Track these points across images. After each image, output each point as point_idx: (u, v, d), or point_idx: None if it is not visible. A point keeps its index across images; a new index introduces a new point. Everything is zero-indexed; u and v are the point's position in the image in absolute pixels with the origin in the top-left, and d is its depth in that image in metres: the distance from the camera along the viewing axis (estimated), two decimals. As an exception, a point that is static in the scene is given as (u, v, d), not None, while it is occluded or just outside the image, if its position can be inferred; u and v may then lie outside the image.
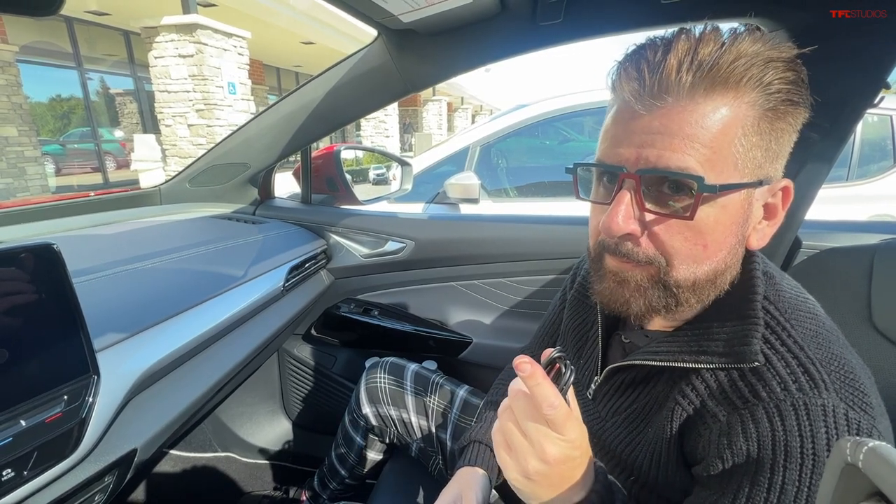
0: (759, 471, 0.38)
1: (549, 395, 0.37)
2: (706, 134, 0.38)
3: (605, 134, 0.45)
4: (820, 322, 0.44)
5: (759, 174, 0.41)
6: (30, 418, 0.47)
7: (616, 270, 0.45)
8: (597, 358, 0.58)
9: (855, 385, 0.39)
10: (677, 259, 0.42)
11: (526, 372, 0.37)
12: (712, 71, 0.38)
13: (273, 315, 0.97)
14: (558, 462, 0.38)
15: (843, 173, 2.21)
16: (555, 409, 0.37)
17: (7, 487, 0.45)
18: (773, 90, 0.39)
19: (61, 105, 8.42)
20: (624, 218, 0.41)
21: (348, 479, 1.02)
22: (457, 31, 0.79)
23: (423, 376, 0.93)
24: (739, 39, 0.38)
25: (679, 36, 0.39)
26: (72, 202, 1.06)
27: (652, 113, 0.40)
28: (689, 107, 0.38)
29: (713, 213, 0.40)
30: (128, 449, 0.58)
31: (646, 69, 0.40)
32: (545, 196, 2.41)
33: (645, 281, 0.44)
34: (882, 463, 0.22)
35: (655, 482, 0.48)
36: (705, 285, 0.43)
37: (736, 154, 0.39)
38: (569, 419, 0.38)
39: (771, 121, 0.40)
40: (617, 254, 0.44)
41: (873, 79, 0.70)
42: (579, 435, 0.39)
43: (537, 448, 0.38)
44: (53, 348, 0.50)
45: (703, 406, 0.43)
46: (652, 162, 0.40)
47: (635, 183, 0.41)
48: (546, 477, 0.39)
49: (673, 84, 0.38)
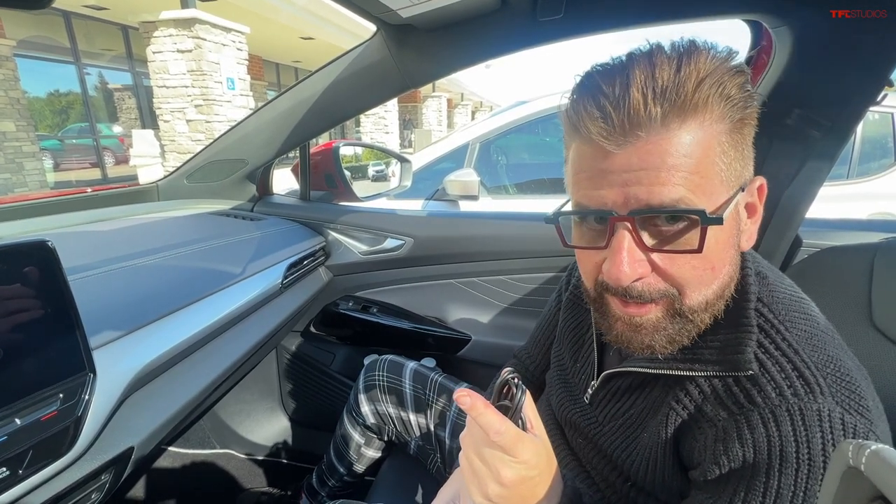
0: (755, 476, 0.38)
1: (493, 423, 0.37)
2: (689, 161, 0.38)
3: (576, 176, 0.43)
4: (815, 323, 0.44)
5: (739, 182, 0.41)
6: (25, 417, 0.47)
7: (626, 317, 0.44)
8: (593, 363, 0.58)
9: (851, 388, 0.39)
10: (689, 287, 0.41)
11: (466, 405, 0.38)
12: (680, 99, 0.37)
13: (271, 312, 0.96)
14: (515, 484, 0.39)
15: (844, 171, 2.21)
16: (501, 434, 0.37)
17: (2, 486, 0.45)
18: (735, 100, 0.39)
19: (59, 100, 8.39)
20: (630, 264, 0.40)
21: (346, 477, 1.01)
22: (456, 26, 0.79)
23: (421, 374, 0.93)
24: (694, 56, 0.38)
25: (632, 63, 0.38)
26: (68, 198, 1.05)
27: (626, 150, 0.38)
28: (666, 137, 0.37)
29: (714, 234, 0.39)
30: (125, 447, 0.58)
31: (608, 105, 0.38)
32: (544, 193, 2.41)
33: (662, 318, 0.42)
34: (885, 466, 0.21)
35: (652, 486, 0.48)
36: (716, 302, 0.43)
37: (720, 171, 0.39)
38: (519, 441, 0.38)
39: (739, 129, 0.40)
40: (627, 297, 0.42)
41: (876, 76, 0.70)
42: (534, 455, 0.39)
43: (493, 472, 0.39)
44: (48, 346, 0.49)
45: (698, 411, 0.43)
46: (643, 200, 0.38)
47: (630, 224, 0.40)
48: (507, 499, 0.40)
49: (643, 118, 0.37)
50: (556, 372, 0.66)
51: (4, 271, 0.46)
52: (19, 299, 0.47)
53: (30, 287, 0.48)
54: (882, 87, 0.72)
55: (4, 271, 0.46)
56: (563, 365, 0.64)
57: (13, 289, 0.46)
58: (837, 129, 0.76)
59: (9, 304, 0.46)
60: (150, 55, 6.04)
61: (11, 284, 0.46)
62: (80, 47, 7.50)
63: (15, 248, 0.47)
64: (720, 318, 0.44)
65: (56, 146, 8.37)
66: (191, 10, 5.79)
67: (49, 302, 0.49)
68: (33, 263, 0.48)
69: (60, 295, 0.50)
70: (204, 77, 5.92)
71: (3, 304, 0.45)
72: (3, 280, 0.45)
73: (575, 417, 0.58)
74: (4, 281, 0.45)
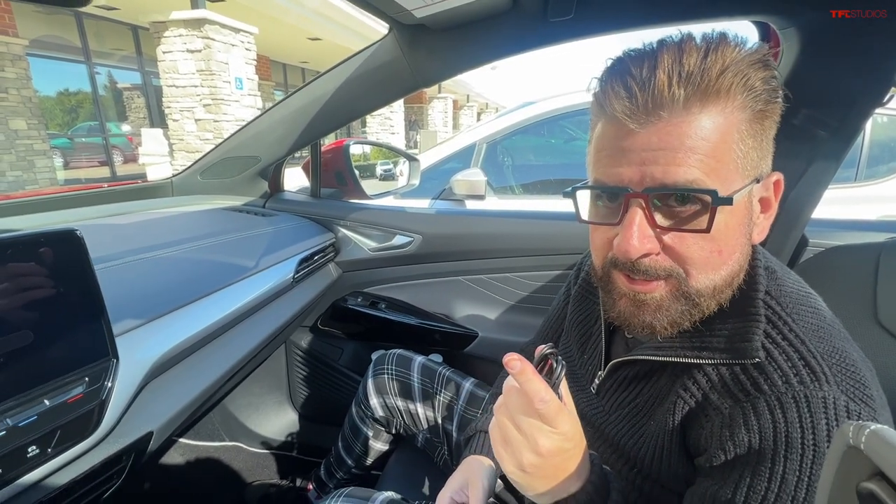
0: (761, 461, 0.39)
1: (539, 390, 0.38)
2: (706, 144, 0.39)
3: (598, 153, 0.45)
4: (821, 316, 0.45)
5: (755, 173, 0.42)
6: (53, 398, 0.49)
7: (631, 293, 0.45)
8: (600, 353, 0.59)
9: (856, 377, 0.40)
10: (695, 268, 0.42)
11: (516, 369, 0.38)
12: (703, 83, 0.38)
13: (283, 306, 0.98)
14: (552, 454, 0.39)
15: (852, 174, 2.20)
16: (546, 403, 0.38)
17: (32, 464, 0.47)
18: (758, 91, 0.40)
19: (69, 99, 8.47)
20: (639, 238, 0.41)
21: (354, 469, 1.03)
22: (468, 26, 0.80)
23: (429, 369, 0.94)
24: (721, 46, 0.39)
25: (662, 48, 0.40)
26: (85, 193, 1.08)
27: (647, 129, 0.40)
28: (686, 120, 0.39)
29: (724, 218, 0.41)
30: (144, 431, 0.60)
31: (634, 85, 0.40)
32: (550, 194, 2.42)
33: (666, 297, 0.43)
34: (884, 444, 0.23)
35: (659, 473, 0.49)
36: (724, 289, 0.44)
37: (736, 158, 0.40)
38: (560, 412, 0.39)
39: (760, 120, 0.41)
40: (634, 272, 0.43)
41: (882, 77, 0.71)
42: (572, 427, 0.40)
43: (531, 441, 0.39)
44: (75, 331, 0.51)
45: (705, 399, 0.44)
46: (658, 179, 0.40)
47: (643, 201, 0.41)
48: (541, 469, 0.40)
49: (667, 99, 0.39)
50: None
51: (36, 258, 0.48)
52: (50, 286, 0.49)
53: (59, 274, 0.49)
54: (888, 88, 0.73)
55: (36, 258, 0.48)
56: (570, 357, 0.66)
57: (44, 275, 0.48)
58: (844, 130, 0.77)
59: (40, 290, 0.48)
60: (160, 55, 6.10)
61: (42, 271, 0.48)
62: (90, 47, 7.59)
63: (45, 236, 0.49)
64: (727, 307, 0.45)
65: (66, 145, 8.46)
66: (201, 11, 5.85)
67: (77, 289, 0.51)
68: (63, 251, 0.50)
69: (88, 282, 0.52)
70: (213, 77, 5.97)
71: (35, 289, 0.47)
72: (35, 267, 0.47)
73: (582, 407, 0.59)
74: (35, 268, 0.47)
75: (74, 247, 0.51)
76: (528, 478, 0.41)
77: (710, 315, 0.46)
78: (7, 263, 0.45)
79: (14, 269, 0.46)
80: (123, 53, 8.41)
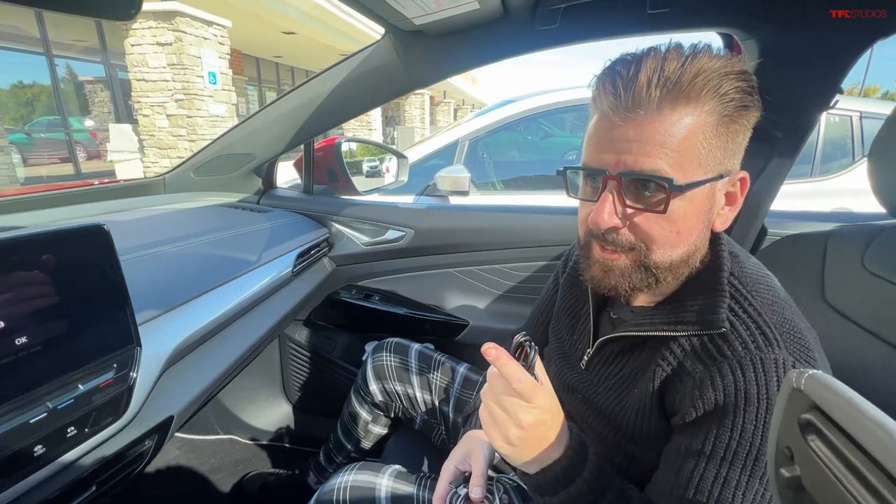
0: (725, 415, 0.46)
1: (515, 372, 0.44)
2: (673, 140, 0.46)
3: (588, 140, 0.52)
4: (775, 293, 0.53)
5: (719, 169, 0.49)
6: (86, 383, 0.52)
7: (602, 260, 0.52)
8: (588, 333, 0.65)
9: (802, 343, 0.48)
10: (655, 244, 0.50)
11: (492, 356, 0.45)
12: (676, 86, 0.44)
13: (282, 299, 1.02)
14: (532, 426, 0.46)
15: (808, 170, 2.37)
16: (521, 382, 0.44)
17: (72, 443, 0.50)
18: (728, 99, 0.46)
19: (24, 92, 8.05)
20: (609, 214, 0.49)
21: (354, 454, 1.08)
22: (462, 32, 0.86)
23: (426, 355, 1.00)
24: (699, 56, 0.45)
25: (648, 54, 0.47)
26: (77, 191, 1.08)
27: (627, 123, 0.47)
28: (658, 118, 0.45)
29: (683, 204, 0.48)
30: (166, 415, 0.63)
31: (620, 85, 0.46)
32: (529, 189, 2.50)
33: (628, 266, 0.51)
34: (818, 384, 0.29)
35: (641, 435, 0.56)
36: (680, 265, 0.51)
37: (699, 155, 0.47)
38: (536, 389, 0.45)
39: (727, 124, 0.47)
40: (604, 242, 0.51)
41: (828, 84, 0.80)
42: (548, 402, 0.47)
43: (514, 417, 0.46)
44: (104, 320, 0.54)
45: (679, 366, 0.51)
46: (629, 166, 0.47)
47: (617, 184, 0.48)
48: (525, 441, 0.47)
49: (644, 99, 0.45)
50: (555, 345, 0.74)
51: (67, 252, 0.50)
52: (80, 277, 0.52)
53: (89, 266, 0.52)
54: (834, 94, 0.82)
55: (67, 252, 0.50)
56: (560, 339, 0.72)
57: (75, 267, 0.51)
58: (797, 131, 0.87)
59: (73, 281, 0.51)
60: (129, 48, 5.89)
61: (74, 263, 0.51)
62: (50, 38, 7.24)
63: (75, 231, 0.52)
64: (697, 286, 0.53)
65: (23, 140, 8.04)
66: (171, 3, 5.67)
67: (105, 280, 0.54)
68: (92, 245, 0.53)
69: (114, 274, 0.55)
70: (185, 71, 5.81)
71: (68, 281, 0.50)
72: (66, 260, 0.50)
73: (573, 382, 0.66)
74: (67, 261, 0.50)
75: (102, 240, 0.54)
76: (515, 450, 0.48)
77: (682, 294, 0.54)
78: (43, 257, 0.48)
79: (49, 262, 0.49)
80: (86, 45, 8.05)
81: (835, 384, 0.28)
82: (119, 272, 0.55)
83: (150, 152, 6.22)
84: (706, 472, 0.47)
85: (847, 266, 0.72)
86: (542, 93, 2.46)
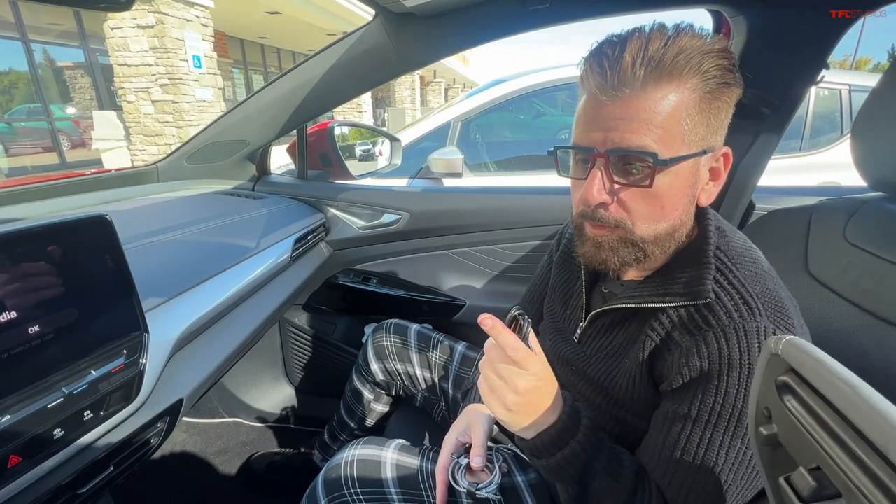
0: (709, 380, 0.49)
1: (510, 340, 0.47)
2: (658, 117, 0.47)
3: (577, 120, 0.53)
4: (759, 265, 0.55)
5: (702, 145, 0.50)
6: (98, 368, 0.54)
7: (593, 236, 0.55)
8: (581, 307, 0.68)
9: (782, 312, 0.50)
10: (640, 220, 0.52)
11: (488, 325, 0.47)
12: (659, 65, 0.46)
13: (281, 284, 1.03)
14: (528, 392, 0.48)
15: (797, 144, 2.39)
16: (516, 350, 0.47)
17: (88, 426, 0.52)
18: (710, 76, 0.47)
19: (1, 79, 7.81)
20: (598, 190, 0.51)
21: (357, 431, 1.11)
22: (453, 13, 0.85)
23: (424, 335, 1.02)
24: (681, 35, 0.47)
25: (633, 35, 0.48)
26: (69, 181, 1.08)
27: (614, 102, 0.48)
28: (643, 96, 0.47)
29: (668, 180, 0.50)
30: (175, 398, 0.66)
31: (606, 66, 0.48)
32: (522, 170, 2.50)
33: (617, 242, 0.53)
34: (795, 349, 0.32)
35: (631, 403, 0.59)
36: (665, 239, 0.54)
37: (683, 131, 0.48)
38: (529, 357, 0.47)
39: (709, 101, 0.49)
40: (593, 219, 0.53)
41: (815, 60, 0.81)
42: (542, 369, 0.49)
43: (510, 384, 0.48)
44: (112, 308, 0.56)
45: (668, 336, 0.54)
46: (616, 143, 0.49)
47: (605, 161, 0.50)
48: (522, 406, 0.49)
49: (629, 78, 0.47)
50: (549, 321, 0.76)
51: (72, 243, 0.52)
52: (87, 266, 0.53)
53: (95, 255, 0.54)
54: (820, 70, 0.84)
55: (72, 243, 0.52)
56: (554, 314, 0.75)
57: (82, 257, 0.52)
58: (784, 107, 0.88)
59: (80, 270, 0.52)
60: (108, 31, 5.71)
61: (81, 253, 0.52)
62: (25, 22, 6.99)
63: (79, 222, 0.53)
64: (684, 259, 0.55)
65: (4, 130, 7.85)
66: (150, -17, 5.48)
67: (110, 268, 0.55)
68: (96, 234, 0.54)
69: (119, 262, 0.56)
70: (168, 55, 5.65)
71: (75, 270, 0.52)
72: (72, 250, 0.51)
73: (567, 355, 0.69)
74: (73, 251, 0.51)
75: (105, 230, 0.55)
76: (513, 415, 0.50)
77: (670, 267, 0.56)
78: (49, 248, 0.49)
79: (56, 252, 0.50)
80: (62, 28, 7.78)
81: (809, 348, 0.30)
82: (124, 261, 0.57)
83: (137, 139, 6.10)
84: (692, 435, 0.50)
85: (829, 238, 0.75)
86: (534, 72, 2.43)
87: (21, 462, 0.45)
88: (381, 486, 0.69)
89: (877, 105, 0.70)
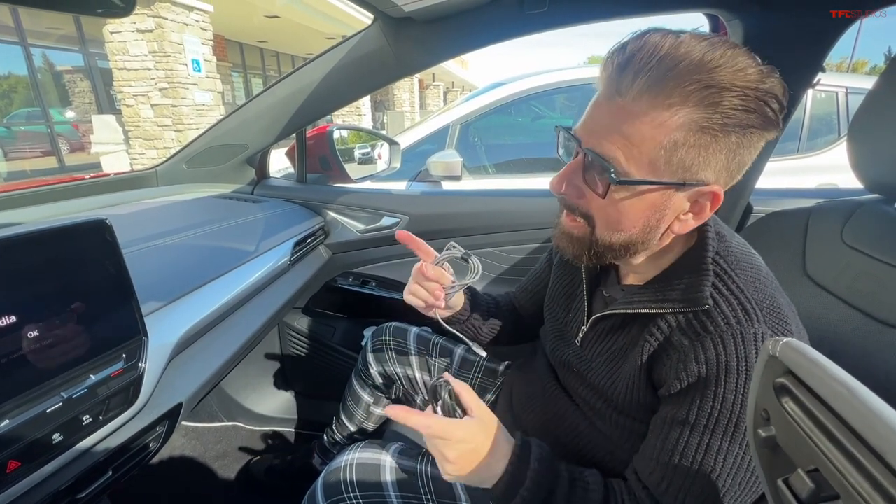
0: (707, 386, 0.49)
1: (419, 423, 0.51)
2: (637, 135, 0.46)
3: (586, 111, 0.54)
4: (758, 270, 0.55)
5: (684, 177, 0.47)
6: (97, 373, 0.54)
7: (562, 224, 0.57)
8: (583, 311, 0.68)
9: (780, 317, 0.50)
10: (598, 224, 0.53)
11: (392, 415, 0.52)
12: (658, 86, 0.44)
13: (281, 287, 1.03)
14: (459, 458, 0.52)
15: (795, 146, 2.40)
16: (429, 428, 0.50)
17: (87, 430, 0.52)
18: (719, 113, 0.44)
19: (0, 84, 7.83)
20: (558, 179, 0.54)
21: (356, 435, 1.11)
22: (451, 18, 0.86)
23: (424, 338, 1.02)
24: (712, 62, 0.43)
25: (646, 45, 0.45)
26: (69, 185, 1.08)
27: (609, 105, 0.48)
28: (633, 110, 0.46)
29: (629, 196, 0.49)
30: (174, 402, 0.66)
31: (613, 69, 0.47)
32: (520, 172, 2.51)
33: (580, 237, 0.55)
34: (792, 351, 0.32)
35: (630, 406, 0.59)
36: (620, 249, 0.54)
37: (658, 157, 0.46)
38: (449, 427, 0.51)
39: (713, 136, 0.45)
40: (567, 207, 0.55)
41: (811, 63, 0.82)
42: (466, 432, 0.52)
43: (440, 455, 0.52)
44: (112, 312, 0.56)
45: (666, 341, 0.54)
46: (592, 145, 0.49)
47: (582, 157, 0.51)
48: (461, 468, 0.52)
49: (625, 88, 0.46)
50: (550, 324, 0.76)
51: (72, 247, 0.52)
52: (87, 271, 0.53)
53: (94, 260, 0.54)
54: (817, 72, 0.84)
55: (72, 247, 0.52)
56: (556, 318, 0.75)
57: (82, 261, 0.52)
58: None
59: (80, 275, 0.52)
60: (108, 35, 5.72)
61: (80, 257, 0.52)
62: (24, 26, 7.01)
63: (78, 226, 0.53)
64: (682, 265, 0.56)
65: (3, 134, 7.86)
66: (149, -12, 5.50)
67: (110, 273, 0.55)
68: (95, 239, 0.54)
69: (119, 267, 0.56)
70: (167, 59, 5.66)
71: (75, 275, 0.52)
72: (72, 255, 0.51)
73: (568, 358, 0.69)
74: (73, 256, 0.51)
75: (105, 235, 0.55)
76: (460, 477, 0.53)
77: (670, 273, 0.57)
78: (49, 252, 0.49)
79: (55, 256, 0.50)
80: (62, 33, 7.80)
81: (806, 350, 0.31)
82: (123, 265, 0.57)
83: (136, 143, 6.10)
84: (690, 440, 0.50)
85: (827, 241, 0.75)
86: (533, 74, 2.44)
87: (20, 467, 0.45)
88: (380, 489, 0.69)
89: (873, 107, 0.70)
